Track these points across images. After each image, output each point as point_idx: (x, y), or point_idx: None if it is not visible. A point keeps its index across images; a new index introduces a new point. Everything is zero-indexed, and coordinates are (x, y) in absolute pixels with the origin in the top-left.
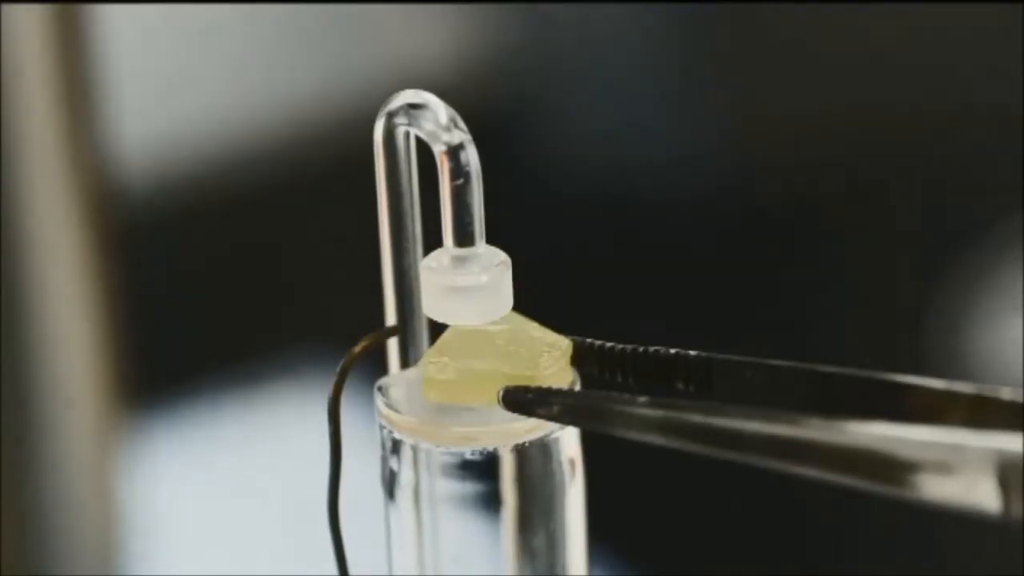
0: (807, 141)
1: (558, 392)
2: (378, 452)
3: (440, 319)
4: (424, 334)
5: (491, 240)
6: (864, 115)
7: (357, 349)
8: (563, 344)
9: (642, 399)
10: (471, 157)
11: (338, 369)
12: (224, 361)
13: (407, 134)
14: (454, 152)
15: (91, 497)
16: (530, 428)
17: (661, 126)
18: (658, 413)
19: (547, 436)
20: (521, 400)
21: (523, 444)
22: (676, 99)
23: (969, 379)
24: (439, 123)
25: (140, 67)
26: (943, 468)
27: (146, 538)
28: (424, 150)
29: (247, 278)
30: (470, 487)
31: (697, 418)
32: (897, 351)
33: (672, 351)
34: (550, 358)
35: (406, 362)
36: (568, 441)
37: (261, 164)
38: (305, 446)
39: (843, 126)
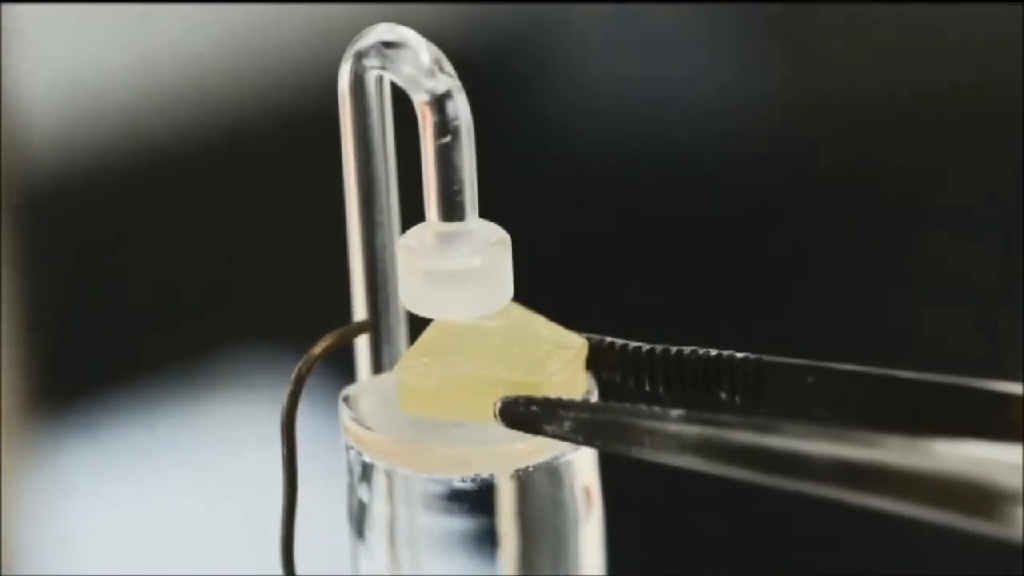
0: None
1: (570, 404)
2: (344, 479)
3: (422, 312)
4: (402, 331)
5: (486, 214)
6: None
7: (317, 350)
8: (576, 344)
9: (675, 413)
10: (460, 109)
11: (293, 375)
12: (155, 363)
13: (380, 79)
14: (439, 102)
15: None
16: (534, 449)
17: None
18: (695, 430)
19: (556, 459)
20: (523, 414)
21: (525, 469)
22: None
23: None
24: (420, 66)
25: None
26: None
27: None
28: (402, 100)
29: (182, 261)
30: (459, 522)
31: (744, 437)
32: (985, 352)
33: (713, 352)
34: (559, 361)
35: (379, 366)
36: (582, 465)
37: (200, 122)
38: (254, 470)
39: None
